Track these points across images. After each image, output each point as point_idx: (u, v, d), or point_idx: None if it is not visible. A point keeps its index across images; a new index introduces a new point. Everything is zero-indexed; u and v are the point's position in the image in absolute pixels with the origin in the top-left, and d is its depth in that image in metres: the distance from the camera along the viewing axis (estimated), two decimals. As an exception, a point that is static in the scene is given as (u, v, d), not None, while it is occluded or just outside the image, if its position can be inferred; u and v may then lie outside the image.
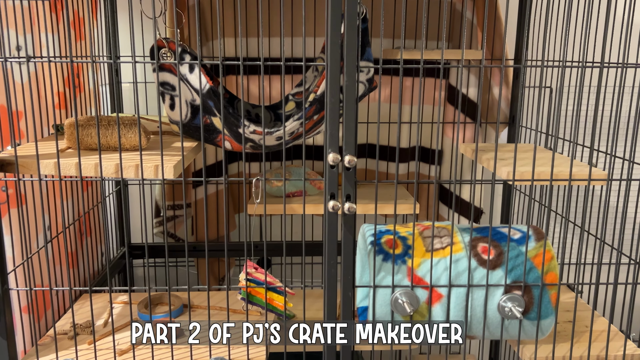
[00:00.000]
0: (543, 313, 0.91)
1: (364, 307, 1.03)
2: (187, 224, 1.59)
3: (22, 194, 0.99)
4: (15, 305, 0.99)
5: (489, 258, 0.90)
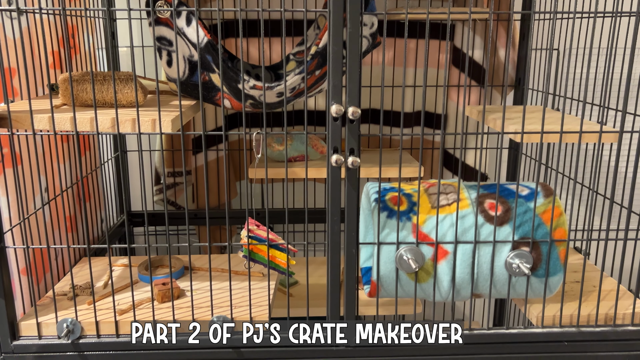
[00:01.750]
0: (551, 270, 0.89)
1: (368, 267, 1.02)
2: (188, 191, 1.56)
3: (17, 153, 0.96)
4: (13, 268, 0.98)
5: (497, 214, 0.88)
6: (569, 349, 0.91)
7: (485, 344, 0.90)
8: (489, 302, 0.95)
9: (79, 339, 0.87)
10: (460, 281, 0.88)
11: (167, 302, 0.93)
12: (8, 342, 0.86)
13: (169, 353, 0.88)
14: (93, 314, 0.88)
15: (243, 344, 0.88)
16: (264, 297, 0.95)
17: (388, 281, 0.89)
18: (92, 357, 0.87)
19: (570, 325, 0.91)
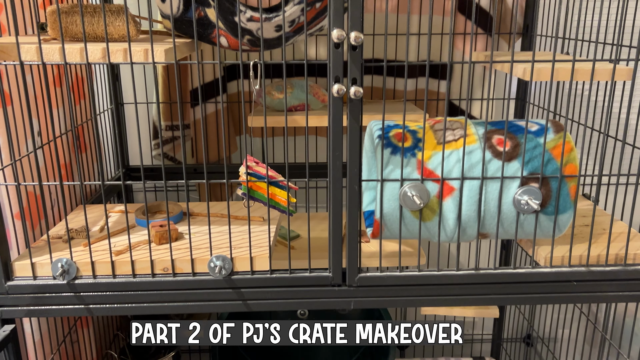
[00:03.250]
0: (561, 207, 0.86)
1: (371, 211, 0.99)
2: (187, 146, 1.53)
3: (6, 92, 0.93)
4: (6, 212, 0.95)
5: (505, 150, 0.84)
6: (578, 289, 0.88)
7: (491, 284, 0.88)
8: (495, 243, 0.93)
9: (74, 280, 0.84)
10: (466, 219, 0.85)
11: (164, 244, 0.91)
12: (2, 282, 0.83)
13: (167, 294, 0.86)
14: (89, 255, 0.85)
15: (243, 285, 0.86)
16: (265, 239, 0.92)
17: (392, 220, 0.86)
18: (88, 298, 0.85)
19: (579, 265, 0.89)
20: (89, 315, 0.86)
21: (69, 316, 1.16)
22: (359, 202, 0.84)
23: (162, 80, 1.45)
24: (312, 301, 0.88)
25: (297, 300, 0.88)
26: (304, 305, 0.88)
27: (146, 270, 0.85)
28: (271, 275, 0.86)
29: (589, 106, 0.87)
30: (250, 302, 0.87)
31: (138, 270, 0.85)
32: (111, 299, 0.85)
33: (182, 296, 0.86)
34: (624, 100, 1.35)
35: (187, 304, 0.87)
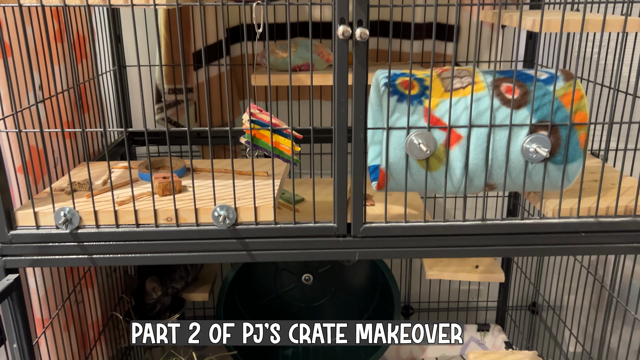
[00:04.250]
0: (570, 156, 0.84)
1: (376, 165, 0.97)
2: (190, 110, 1.52)
3: (6, 43, 0.91)
4: (9, 166, 0.94)
5: (514, 97, 0.83)
6: (587, 240, 0.87)
7: (498, 235, 0.87)
8: (502, 196, 0.91)
9: (77, 229, 0.84)
10: (473, 168, 0.84)
11: (168, 195, 0.90)
12: (5, 231, 0.83)
13: (170, 244, 0.85)
14: (91, 205, 0.85)
15: (247, 235, 0.85)
16: (269, 192, 0.91)
17: (397, 169, 0.85)
18: (91, 247, 0.85)
19: (588, 216, 0.87)
20: (92, 265, 0.86)
21: (73, 269, 1.16)
22: (364, 150, 0.82)
23: (165, 42, 1.43)
24: (317, 252, 0.87)
25: (301, 251, 0.87)
26: (309, 256, 0.87)
27: (149, 220, 0.85)
28: (275, 225, 0.85)
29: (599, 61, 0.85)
30: (254, 252, 0.87)
31: (141, 220, 0.85)
32: (114, 249, 0.85)
33: (186, 246, 0.85)
34: (635, 56, 1.32)
35: (191, 254, 0.86)
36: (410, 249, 0.87)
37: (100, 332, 1.29)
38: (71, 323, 1.16)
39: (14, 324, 0.85)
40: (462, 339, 0.91)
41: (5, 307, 0.83)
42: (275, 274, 1.66)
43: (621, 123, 0.84)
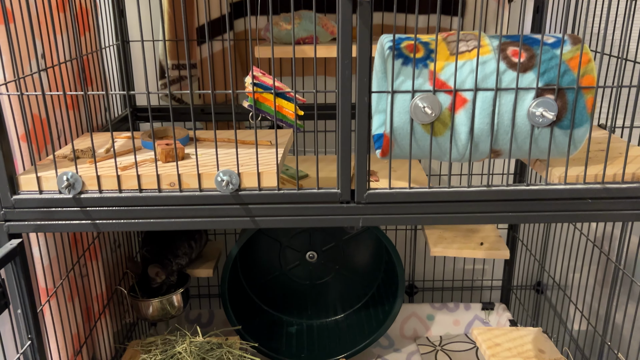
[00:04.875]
0: (577, 120, 0.83)
1: (380, 134, 0.97)
2: (194, 87, 1.51)
3: (9, 9, 0.91)
4: (12, 134, 0.94)
5: (520, 60, 0.81)
6: (593, 207, 0.86)
7: (504, 201, 0.86)
8: (508, 163, 0.90)
9: (80, 194, 0.84)
10: (479, 133, 0.83)
11: (171, 162, 0.89)
12: (8, 196, 0.83)
13: (173, 210, 0.85)
14: (94, 170, 0.84)
15: (251, 201, 0.85)
16: (272, 159, 0.90)
17: (402, 134, 0.84)
18: (94, 213, 0.85)
19: (594, 182, 0.86)
20: (95, 230, 0.86)
21: (77, 240, 1.16)
22: (369, 114, 0.81)
23: (168, 17, 1.42)
24: (320, 218, 0.87)
25: (305, 217, 0.87)
26: (313, 222, 0.87)
27: (152, 186, 0.84)
28: (279, 191, 0.85)
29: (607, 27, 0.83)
30: (258, 218, 0.86)
31: (144, 186, 0.84)
32: (117, 214, 0.85)
33: (189, 212, 0.85)
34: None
35: (194, 220, 0.86)
36: (414, 216, 0.87)
37: (105, 306, 1.29)
38: (75, 295, 1.16)
39: (18, 290, 0.85)
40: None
41: (9, 271, 0.83)
42: (279, 251, 1.66)
43: (630, 86, 0.83)
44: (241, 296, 1.64)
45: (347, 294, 1.71)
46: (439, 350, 1.65)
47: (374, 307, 1.65)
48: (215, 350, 1.25)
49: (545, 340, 1.40)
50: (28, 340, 0.87)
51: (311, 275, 1.69)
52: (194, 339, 1.27)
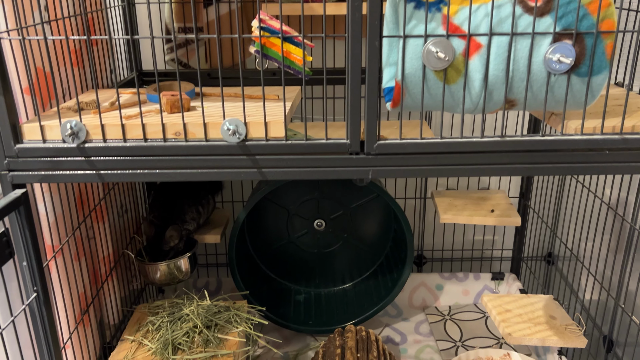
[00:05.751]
0: (595, 67, 0.80)
1: (390, 87, 0.94)
2: (200, 51, 1.49)
3: (10, -44, 0.89)
4: (16, 87, 0.92)
5: (537, 4, 0.78)
6: (611, 158, 0.84)
7: (518, 152, 0.83)
8: (523, 116, 0.87)
9: (84, 143, 0.82)
10: (493, 80, 0.80)
11: (176, 113, 0.88)
12: (11, 145, 0.81)
13: (179, 160, 0.83)
14: (99, 120, 0.83)
15: (258, 151, 0.83)
16: (280, 111, 0.88)
17: (414, 82, 0.81)
18: (99, 163, 0.83)
19: (612, 133, 0.84)
20: (100, 181, 0.84)
21: (82, 199, 1.15)
22: (379, 60, 0.79)
23: (174, -22, 1.39)
24: (329, 170, 0.85)
25: (313, 169, 0.85)
26: (321, 174, 0.85)
27: (157, 135, 0.83)
28: (286, 142, 0.83)
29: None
30: (265, 170, 0.84)
31: (149, 135, 0.83)
32: (122, 164, 0.83)
33: (195, 162, 0.83)
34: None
35: (200, 171, 0.84)
36: (425, 167, 0.84)
37: (112, 269, 1.28)
38: (82, 255, 1.15)
39: (23, 240, 0.84)
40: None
41: (13, 221, 0.82)
42: (287, 219, 1.65)
43: (651, 31, 0.79)
44: (249, 265, 1.63)
45: (355, 263, 1.70)
46: (448, 320, 1.63)
47: (383, 276, 1.64)
48: (223, 313, 1.24)
49: (557, 307, 1.38)
50: (34, 292, 0.86)
51: (319, 243, 1.68)
52: (201, 302, 1.26)
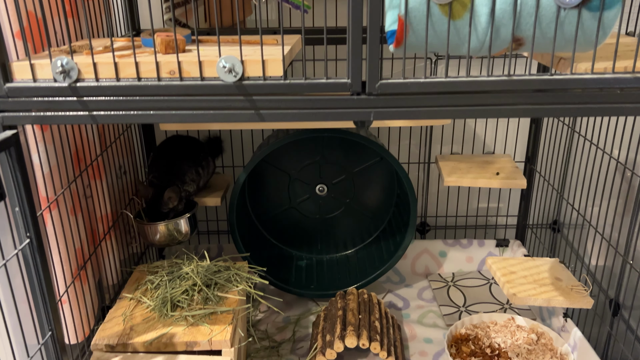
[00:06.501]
0: (607, 1, 0.76)
1: (393, 30, 0.90)
2: (199, 11, 1.45)
3: None
4: (6, 29, 0.90)
5: None
6: (623, 98, 0.80)
7: (526, 92, 0.80)
8: (530, 62, 0.84)
9: (76, 83, 0.79)
10: (500, 15, 0.77)
11: (171, 54, 0.85)
12: (1, 84, 0.79)
13: (174, 100, 0.81)
14: (91, 60, 0.80)
15: (255, 91, 0.80)
16: (278, 52, 0.85)
17: (417, 17, 0.78)
18: (91, 103, 0.80)
19: (624, 72, 0.80)
20: (93, 122, 0.81)
21: (79, 154, 1.13)
22: None
23: None
24: (329, 112, 0.82)
25: (312, 111, 0.82)
26: (321, 116, 0.82)
27: (151, 74, 0.80)
28: (285, 81, 0.80)
29: None
30: (262, 111, 0.81)
31: (143, 74, 0.80)
32: (115, 104, 0.81)
33: (190, 103, 0.81)
34: None
35: (195, 112, 0.81)
36: (430, 109, 0.81)
37: (110, 228, 1.26)
38: (79, 211, 1.13)
39: (15, 185, 0.81)
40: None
41: (4, 163, 0.79)
42: (288, 184, 1.62)
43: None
44: (250, 231, 1.61)
45: (357, 229, 1.68)
46: (451, 286, 1.61)
47: (385, 240, 1.61)
48: (223, 272, 1.23)
49: (563, 269, 1.36)
50: (27, 238, 0.84)
51: (321, 209, 1.66)
52: (201, 263, 1.24)
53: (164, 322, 1.09)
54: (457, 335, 1.36)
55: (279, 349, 1.36)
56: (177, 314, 1.11)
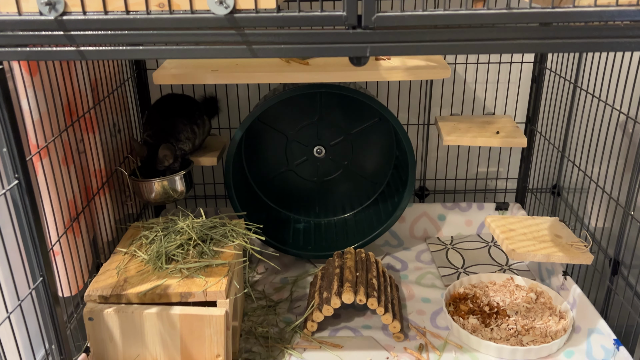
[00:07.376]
0: None
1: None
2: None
3: None
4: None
5: None
6: (627, 33, 0.78)
7: (528, 26, 0.78)
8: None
9: (62, 16, 0.77)
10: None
11: (161, -12, 0.82)
12: (-15, 16, 0.76)
13: (164, 35, 0.78)
14: (78, -7, 0.77)
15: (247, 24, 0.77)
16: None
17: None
18: (79, 37, 0.78)
19: (629, 4, 0.78)
20: (81, 58, 0.79)
21: (70, 103, 1.11)
22: None
23: None
24: (324, 47, 0.79)
25: (306, 46, 0.79)
26: (315, 51, 0.79)
27: (140, 7, 0.77)
28: (278, 13, 0.77)
29: None
30: (255, 47, 0.79)
31: (131, 7, 0.77)
32: (103, 39, 0.78)
33: (180, 37, 0.78)
34: None
35: (186, 47, 0.79)
36: (427, 44, 0.79)
37: (104, 183, 1.25)
38: (71, 162, 1.11)
39: (2, 123, 0.79)
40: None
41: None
42: (285, 146, 1.60)
43: None
44: (247, 193, 1.59)
45: (355, 192, 1.66)
46: (450, 249, 1.60)
47: (384, 203, 1.60)
48: (219, 228, 1.21)
49: (563, 227, 1.34)
50: (15, 180, 0.82)
51: (319, 172, 1.64)
52: (197, 219, 1.23)
53: (158, 275, 1.08)
54: (456, 294, 1.35)
55: (276, 307, 1.35)
56: (171, 266, 1.09)
